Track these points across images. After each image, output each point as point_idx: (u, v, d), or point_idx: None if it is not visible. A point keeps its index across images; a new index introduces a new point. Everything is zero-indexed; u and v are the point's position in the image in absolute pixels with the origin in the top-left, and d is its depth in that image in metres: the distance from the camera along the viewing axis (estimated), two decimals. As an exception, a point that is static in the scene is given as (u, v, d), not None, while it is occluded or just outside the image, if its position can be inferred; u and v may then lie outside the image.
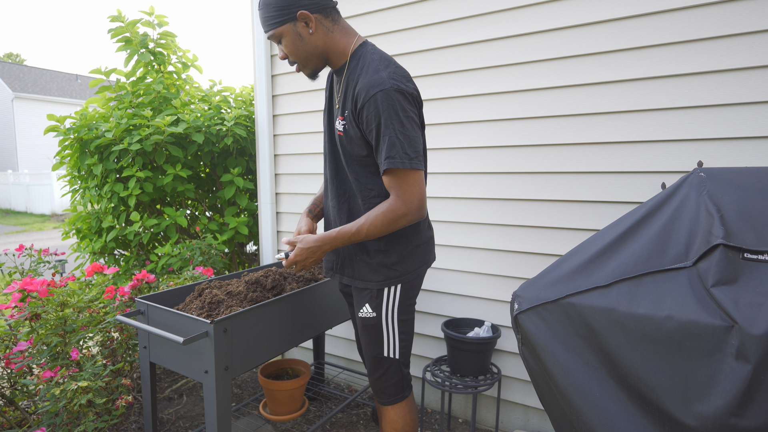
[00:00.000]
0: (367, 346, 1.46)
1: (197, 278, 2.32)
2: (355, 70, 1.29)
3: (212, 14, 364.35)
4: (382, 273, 1.38)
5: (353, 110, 1.27)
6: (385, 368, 1.45)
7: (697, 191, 1.19)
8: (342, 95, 1.34)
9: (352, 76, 1.29)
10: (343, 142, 1.34)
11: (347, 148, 1.33)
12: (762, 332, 0.88)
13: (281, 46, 1.32)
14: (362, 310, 1.42)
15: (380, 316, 1.41)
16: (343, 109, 1.33)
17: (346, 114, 1.31)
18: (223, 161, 3.09)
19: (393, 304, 1.41)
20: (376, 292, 1.40)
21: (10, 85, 19.04)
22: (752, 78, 1.57)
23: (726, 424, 0.91)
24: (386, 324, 1.41)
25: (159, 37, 3.07)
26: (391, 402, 1.49)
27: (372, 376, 1.49)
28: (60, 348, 1.88)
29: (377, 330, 1.42)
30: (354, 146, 1.31)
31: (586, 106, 1.85)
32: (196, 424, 2.25)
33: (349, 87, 1.30)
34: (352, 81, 1.29)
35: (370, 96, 1.20)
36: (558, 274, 1.27)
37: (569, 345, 1.18)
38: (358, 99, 1.24)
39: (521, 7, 1.94)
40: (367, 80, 1.22)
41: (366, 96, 1.21)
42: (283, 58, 1.35)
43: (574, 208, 1.91)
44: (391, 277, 1.39)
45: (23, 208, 15.06)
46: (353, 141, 1.30)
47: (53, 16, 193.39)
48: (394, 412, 1.49)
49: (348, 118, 1.30)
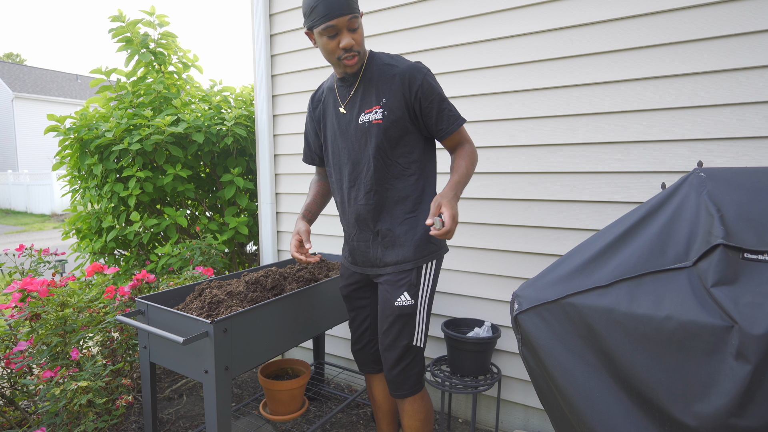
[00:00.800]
0: (397, 336, 1.47)
1: (197, 278, 2.32)
2: (379, 67, 1.44)
3: (212, 14, 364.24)
4: (421, 249, 1.45)
5: (405, 93, 1.40)
6: (412, 357, 1.49)
7: (697, 191, 1.19)
8: (362, 92, 1.46)
9: (380, 72, 1.43)
10: (380, 128, 1.42)
11: (387, 133, 1.42)
12: (762, 332, 0.88)
13: (353, 34, 1.36)
14: (400, 299, 1.45)
15: (416, 304, 1.46)
16: (377, 99, 1.43)
17: (383, 102, 1.42)
18: (223, 161, 3.09)
19: (428, 287, 1.48)
20: (415, 278, 1.45)
21: (10, 85, 19.04)
22: (752, 78, 1.57)
23: (726, 424, 0.91)
24: (420, 311, 1.47)
25: (160, 37, 3.07)
26: (413, 392, 1.51)
27: (395, 367, 1.49)
28: (60, 348, 1.88)
29: (412, 318, 1.46)
30: (394, 129, 1.42)
31: (586, 106, 1.85)
32: (196, 424, 2.25)
33: (380, 81, 1.43)
34: (382, 74, 1.43)
35: (423, 76, 1.40)
36: (558, 274, 1.26)
37: (569, 345, 1.18)
38: (413, 82, 1.39)
39: (521, 7, 1.94)
40: (408, 66, 1.41)
41: (420, 77, 1.40)
42: (349, 46, 1.36)
43: (574, 208, 1.91)
44: (430, 251, 1.47)
45: (23, 208, 15.06)
46: (394, 124, 1.41)
47: (53, 16, 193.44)
48: (417, 403, 1.52)
49: (388, 105, 1.41)
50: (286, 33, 2.68)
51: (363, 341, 1.67)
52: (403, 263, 1.46)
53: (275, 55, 2.74)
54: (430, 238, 1.47)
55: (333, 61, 1.41)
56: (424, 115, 1.43)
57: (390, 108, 1.42)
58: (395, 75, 1.41)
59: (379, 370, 1.69)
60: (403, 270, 1.46)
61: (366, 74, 1.45)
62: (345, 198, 1.55)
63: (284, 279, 1.85)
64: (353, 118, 1.48)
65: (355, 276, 1.62)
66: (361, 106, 1.46)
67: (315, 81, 2.59)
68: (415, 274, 1.46)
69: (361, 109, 1.46)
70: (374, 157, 1.44)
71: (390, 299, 1.47)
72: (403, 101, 1.41)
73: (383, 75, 1.43)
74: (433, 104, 1.41)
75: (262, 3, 2.67)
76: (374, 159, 1.45)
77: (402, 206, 1.47)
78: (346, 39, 1.35)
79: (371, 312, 1.65)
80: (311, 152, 1.71)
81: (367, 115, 1.44)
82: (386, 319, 1.48)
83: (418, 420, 1.52)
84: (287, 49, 2.68)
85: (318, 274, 2.00)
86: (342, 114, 1.50)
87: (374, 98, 1.43)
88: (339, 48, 1.37)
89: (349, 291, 1.66)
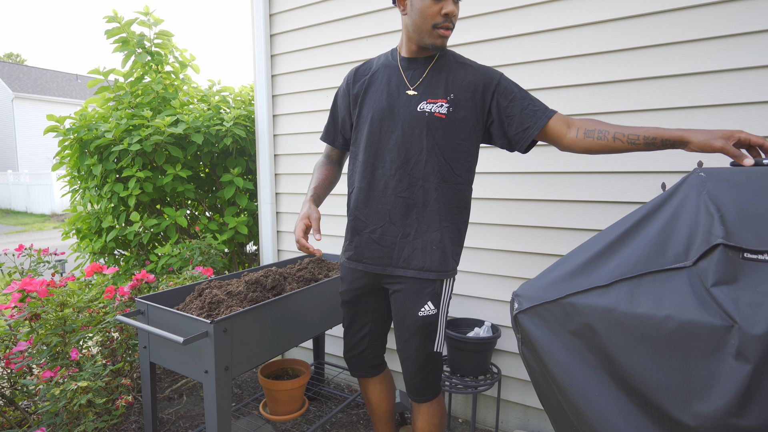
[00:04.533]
0: (420, 345, 1.44)
1: (197, 278, 2.32)
2: (452, 62, 1.41)
3: (212, 14, 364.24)
4: (445, 263, 1.41)
5: (479, 95, 1.37)
6: (434, 363, 1.47)
7: (697, 191, 1.19)
8: (429, 79, 1.39)
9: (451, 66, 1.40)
10: (443, 124, 1.36)
11: (447, 130, 1.37)
12: (762, 332, 0.88)
13: (456, 5, 1.30)
14: (424, 308, 1.41)
15: (438, 312, 1.42)
16: (445, 92, 1.37)
17: (451, 97, 1.36)
18: (223, 161, 3.09)
19: (448, 297, 1.46)
20: (438, 287, 1.41)
21: (10, 85, 19.04)
22: (752, 78, 1.57)
23: (726, 424, 0.91)
24: (441, 319, 1.44)
25: (155, 36, 3.07)
26: (433, 396, 1.50)
27: (419, 375, 1.46)
28: (60, 348, 1.88)
29: (434, 326, 1.43)
30: (455, 129, 1.37)
31: (586, 106, 1.85)
32: (196, 424, 2.25)
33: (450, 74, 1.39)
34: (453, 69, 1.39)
35: (499, 76, 1.38)
36: (558, 273, 1.26)
37: (569, 344, 1.18)
38: (487, 83, 1.37)
39: (521, 7, 1.94)
40: (483, 68, 1.40)
41: (497, 77, 1.38)
42: (452, 14, 1.29)
43: (574, 208, 1.91)
44: (450, 268, 1.43)
45: (23, 208, 15.06)
46: (456, 123, 1.36)
47: (53, 16, 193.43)
48: (433, 407, 1.51)
49: (455, 102, 1.36)
50: (286, 33, 2.68)
51: (361, 347, 1.60)
52: (429, 271, 1.40)
53: (275, 55, 2.74)
54: (457, 253, 1.44)
55: (425, 28, 1.30)
56: (505, 115, 1.35)
57: (456, 105, 1.36)
58: (469, 74, 1.37)
59: (375, 374, 1.66)
60: (426, 279, 1.40)
61: (438, 64, 1.39)
62: (378, 186, 1.42)
63: (284, 279, 1.85)
64: (412, 103, 1.38)
65: (361, 281, 1.52)
66: (425, 94, 1.38)
67: (315, 81, 2.59)
68: (439, 285, 1.41)
69: (424, 96, 1.38)
70: (428, 151, 1.37)
71: (412, 309, 1.41)
72: (473, 103, 1.36)
73: (456, 71, 1.38)
74: (515, 101, 1.35)
75: (262, 3, 2.67)
76: (428, 153, 1.37)
77: (445, 212, 1.40)
78: (450, 6, 1.27)
79: (373, 317, 1.58)
80: (335, 130, 1.59)
81: (430, 105, 1.37)
82: (408, 328, 1.43)
83: (432, 424, 1.50)
84: (287, 49, 2.68)
85: (318, 274, 2.00)
86: (406, 96, 1.40)
87: (442, 90, 1.37)
88: (440, 14, 1.28)
89: (352, 296, 1.55)
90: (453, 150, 1.38)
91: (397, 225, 1.41)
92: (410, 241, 1.40)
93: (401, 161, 1.39)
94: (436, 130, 1.36)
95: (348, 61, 2.46)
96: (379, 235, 1.44)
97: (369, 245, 1.46)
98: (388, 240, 1.43)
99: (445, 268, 1.41)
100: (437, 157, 1.37)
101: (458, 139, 1.37)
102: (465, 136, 1.38)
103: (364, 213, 1.46)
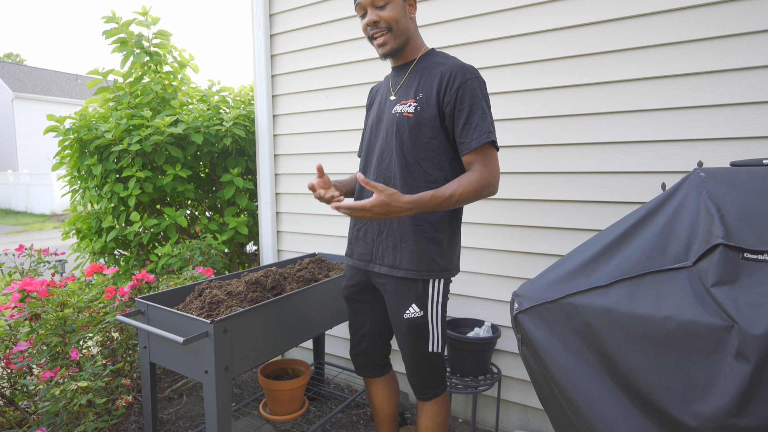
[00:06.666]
0: (412, 346, 1.46)
1: (197, 278, 2.32)
2: (430, 63, 1.43)
3: (212, 14, 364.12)
4: (425, 263, 1.40)
5: (440, 91, 1.36)
6: (431, 363, 1.48)
7: (697, 191, 1.19)
8: (407, 83, 1.45)
9: (428, 67, 1.42)
10: (409, 123, 1.39)
11: (413, 129, 1.39)
12: (762, 332, 0.88)
13: (380, 11, 1.36)
14: (408, 311, 1.42)
15: (427, 314, 1.43)
16: (415, 92, 1.41)
17: (419, 97, 1.39)
18: (223, 161, 3.09)
19: (437, 299, 1.44)
20: (422, 289, 1.42)
21: (10, 85, 19.03)
22: (752, 78, 1.57)
23: (726, 424, 0.91)
24: (432, 320, 1.44)
25: (154, 36, 3.07)
26: (435, 395, 1.51)
27: (416, 374, 1.49)
28: (60, 348, 1.88)
29: (424, 328, 1.44)
30: (423, 127, 1.38)
31: (586, 106, 1.85)
32: (196, 424, 2.25)
33: (424, 74, 1.41)
34: (428, 69, 1.41)
35: (467, 79, 1.33)
36: (558, 274, 1.26)
37: (569, 345, 1.18)
38: (451, 80, 1.34)
39: (521, 7, 1.94)
40: (458, 66, 1.35)
41: (463, 78, 1.33)
42: (372, 23, 1.37)
43: (574, 208, 1.91)
44: (434, 269, 1.41)
45: (23, 208, 15.06)
46: (423, 122, 1.38)
47: (53, 16, 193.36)
48: (437, 405, 1.52)
49: (423, 101, 1.38)
50: (286, 33, 2.68)
51: (363, 345, 1.64)
52: (400, 269, 1.42)
53: (275, 55, 2.74)
54: (439, 253, 1.41)
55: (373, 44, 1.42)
56: (454, 119, 1.35)
57: (423, 104, 1.38)
58: (438, 72, 1.38)
59: (379, 374, 1.67)
60: (409, 279, 1.41)
61: (416, 67, 1.45)
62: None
63: (284, 279, 1.85)
64: (391, 107, 1.46)
65: (356, 278, 1.59)
66: (401, 97, 1.45)
67: (315, 81, 2.59)
68: (422, 286, 1.42)
69: (399, 99, 1.45)
70: (397, 150, 1.41)
71: (398, 311, 1.44)
72: (437, 100, 1.36)
73: (430, 70, 1.41)
74: (462, 108, 1.33)
75: (262, 3, 2.67)
76: (396, 152, 1.41)
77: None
78: (368, 16, 1.37)
79: (371, 316, 1.61)
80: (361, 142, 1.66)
81: (402, 106, 1.42)
82: (398, 329, 1.47)
83: (435, 422, 1.51)
84: (287, 49, 2.68)
85: (318, 274, 2.00)
86: (390, 101, 1.48)
87: (413, 91, 1.42)
88: (366, 27, 1.38)
89: (350, 293, 1.63)
90: (422, 148, 1.40)
91: (375, 222, 1.49)
92: (384, 238, 1.46)
93: (379, 161, 1.48)
94: (404, 130, 1.41)
95: (348, 61, 2.46)
96: (363, 232, 1.53)
97: (357, 242, 1.55)
98: (370, 237, 1.51)
99: (424, 267, 1.40)
100: (404, 155, 1.41)
101: (426, 137, 1.39)
102: (433, 134, 1.39)
103: None
